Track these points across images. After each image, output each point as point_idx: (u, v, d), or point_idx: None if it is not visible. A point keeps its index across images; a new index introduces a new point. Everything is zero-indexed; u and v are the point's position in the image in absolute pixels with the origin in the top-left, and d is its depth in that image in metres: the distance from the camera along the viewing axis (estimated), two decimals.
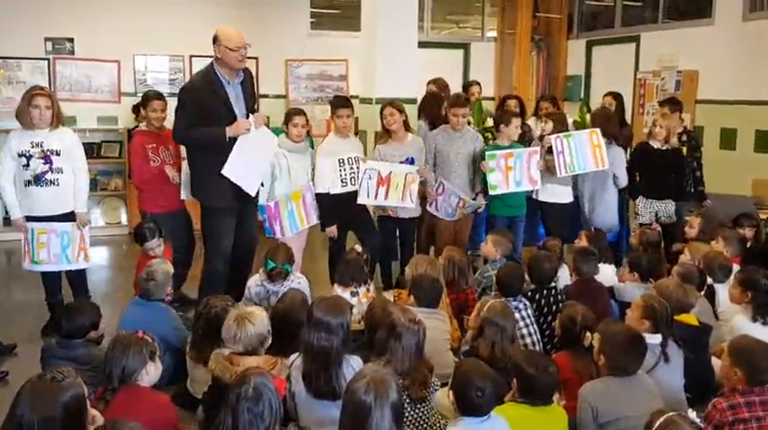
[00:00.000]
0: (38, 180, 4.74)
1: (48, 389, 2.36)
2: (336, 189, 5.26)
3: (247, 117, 4.76)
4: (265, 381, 2.54)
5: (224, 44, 4.59)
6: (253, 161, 4.80)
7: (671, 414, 2.52)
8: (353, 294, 4.47)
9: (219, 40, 4.61)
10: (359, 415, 2.39)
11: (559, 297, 4.32)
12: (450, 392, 2.81)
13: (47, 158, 4.76)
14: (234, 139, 4.68)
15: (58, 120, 4.79)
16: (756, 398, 2.95)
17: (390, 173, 5.31)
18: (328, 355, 3.07)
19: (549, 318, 4.23)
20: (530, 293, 4.33)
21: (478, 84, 7.45)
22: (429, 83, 6.73)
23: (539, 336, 4.12)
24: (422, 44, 6.96)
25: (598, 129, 5.69)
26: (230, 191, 4.76)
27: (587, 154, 5.58)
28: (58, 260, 4.85)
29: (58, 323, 4.03)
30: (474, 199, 5.63)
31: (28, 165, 4.72)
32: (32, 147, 4.72)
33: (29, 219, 4.81)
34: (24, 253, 4.81)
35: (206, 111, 4.64)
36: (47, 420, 2.31)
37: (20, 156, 4.71)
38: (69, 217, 4.87)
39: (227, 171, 4.67)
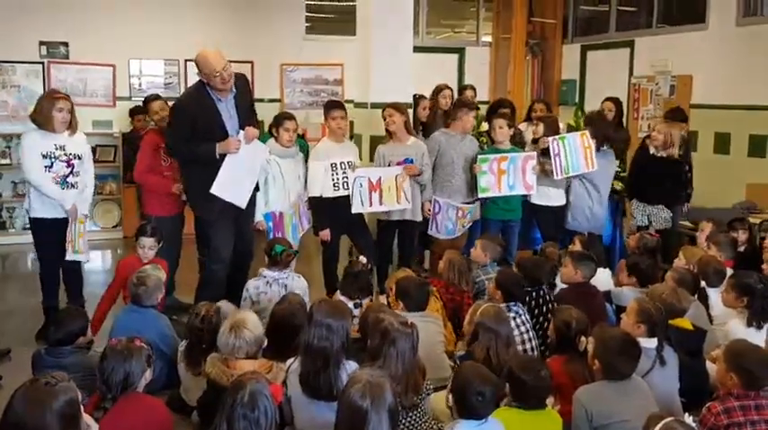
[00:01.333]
0: (59, 183, 4.76)
1: (42, 393, 2.35)
2: (328, 193, 5.24)
3: (239, 132, 4.70)
4: (261, 388, 2.53)
5: (203, 71, 4.53)
6: (242, 176, 4.77)
7: (669, 419, 2.52)
8: (357, 306, 4.45)
9: (198, 68, 4.55)
10: (355, 420, 2.38)
11: (548, 297, 4.31)
12: (450, 395, 2.80)
13: (69, 162, 4.80)
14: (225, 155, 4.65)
15: (75, 125, 4.83)
16: (751, 402, 2.95)
17: (380, 177, 5.28)
18: (328, 355, 3.06)
19: (542, 319, 4.21)
20: None
21: (473, 88, 7.41)
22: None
23: (537, 342, 4.10)
24: (417, 49, 6.96)
25: (587, 131, 5.71)
26: (223, 201, 4.73)
27: (580, 156, 5.60)
28: (86, 251, 4.92)
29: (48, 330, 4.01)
30: (472, 203, 5.60)
31: (51, 166, 4.74)
32: (57, 149, 4.75)
33: (51, 221, 4.80)
34: (68, 242, 4.80)
35: (198, 127, 4.60)
36: (41, 425, 2.30)
37: (44, 157, 4.72)
38: None
39: (215, 190, 4.65)
